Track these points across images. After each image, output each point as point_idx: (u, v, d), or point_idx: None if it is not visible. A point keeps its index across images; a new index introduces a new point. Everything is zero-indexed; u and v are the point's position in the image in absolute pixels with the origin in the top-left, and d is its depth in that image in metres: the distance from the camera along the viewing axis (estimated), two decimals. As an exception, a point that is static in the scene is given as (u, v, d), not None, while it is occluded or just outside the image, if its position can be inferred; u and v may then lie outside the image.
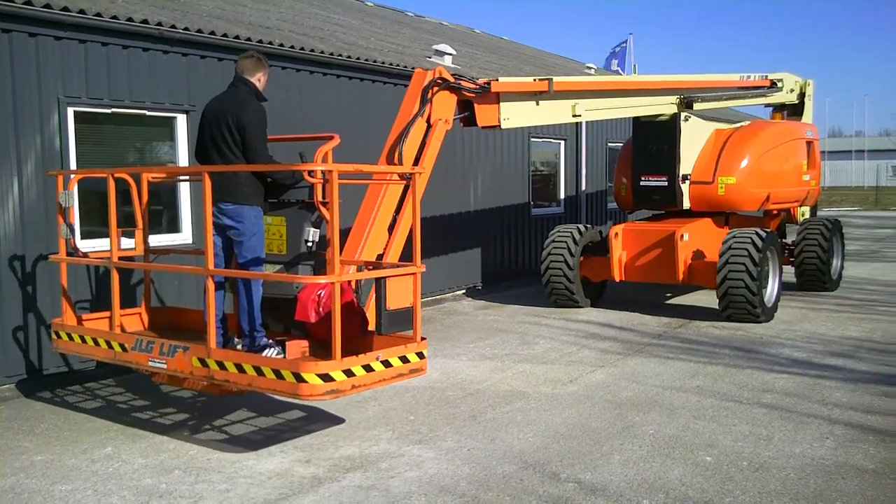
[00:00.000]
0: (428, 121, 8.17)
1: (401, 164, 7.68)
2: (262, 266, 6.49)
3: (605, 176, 18.49)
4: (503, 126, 9.29)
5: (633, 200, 12.77)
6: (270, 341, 6.41)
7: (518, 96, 9.46)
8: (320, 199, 6.14)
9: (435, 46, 15.58)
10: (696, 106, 12.29)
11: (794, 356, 9.21)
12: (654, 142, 12.35)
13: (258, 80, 6.64)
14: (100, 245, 8.29)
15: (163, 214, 9.77)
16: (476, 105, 8.96)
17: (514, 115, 9.42)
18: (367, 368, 5.74)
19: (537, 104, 9.77)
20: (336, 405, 7.39)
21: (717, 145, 12.56)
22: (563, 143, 17.26)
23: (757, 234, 10.97)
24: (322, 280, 6.00)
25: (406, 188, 7.36)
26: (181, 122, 9.49)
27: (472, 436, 6.58)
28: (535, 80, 9.72)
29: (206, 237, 6.11)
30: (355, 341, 6.18)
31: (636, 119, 12.70)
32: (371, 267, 6.95)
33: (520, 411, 7.24)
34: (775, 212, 13.91)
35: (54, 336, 7.31)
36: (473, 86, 8.80)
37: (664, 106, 12.03)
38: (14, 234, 8.00)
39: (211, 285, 6.04)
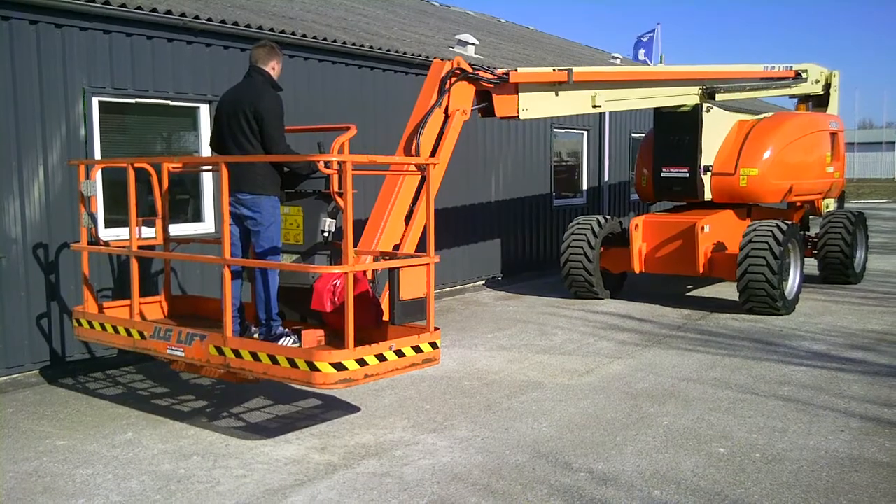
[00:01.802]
0: (446, 111, 8.19)
1: (418, 155, 7.71)
2: (279, 255, 6.55)
3: (628, 167, 18.43)
4: (522, 117, 9.27)
5: (654, 192, 12.74)
6: (286, 330, 6.49)
7: (537, 87, 9.44)
8: (336, 189, 6.19)
9: (458, 36, 15.59)
10: (719, 97, 12.21)
11: (814, 349, 9.17)
12: (675, 133, 12.30)
13: (272, 68, 6.66)
14: (125, 234, 8.41)
15: (187, 204, 9.90)
16: (494, 95, 8.94)
17: (533, 106, 9.40)
18: (380, 358, 5.80)
19: (556, 95, 9.75)
20: (353, 394, 7.48)
21: (740, 136, 12.49)
22: (585, 133, 17.22)
23: (778, 226, 10.91)
24: (335, 270, 6.06)
25: (423, 179, 7.39)
26: (204, 112, 9.59)
27: (486, 425, 6.64)
28: (554, 70, 9.70)
29: (222, 227, 6.19)
30: (370, 331, 6.25)
31: (657, 110, 12.66)
32: (387, 257, 7.00)
33: (535, 401, 7.29)
34: (798, 204, 13.84)
35: (76, 324, 7.45)
36: (491, 76, 8.77)
37: (686, 97, 11.96)
38: (39, 223, 8.14)
39: (227, 274, 6.13)
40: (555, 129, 16.04)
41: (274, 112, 6.40)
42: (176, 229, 8.82)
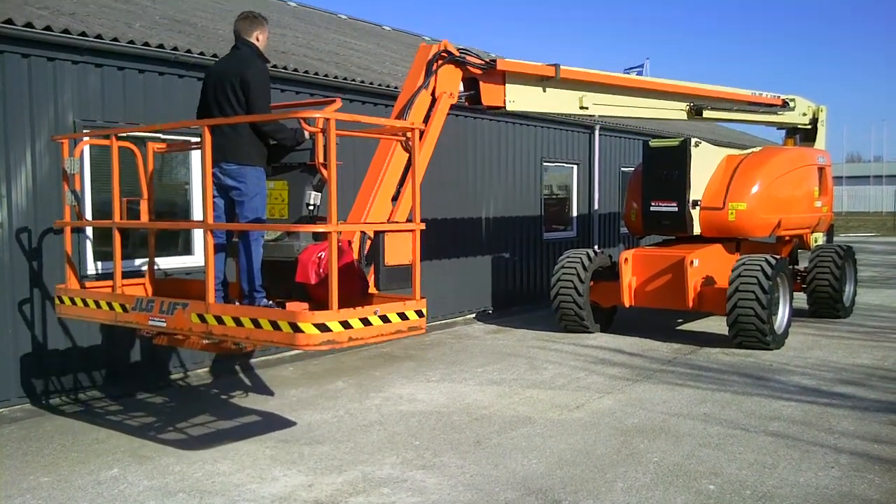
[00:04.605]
0: (433, 94, 8.09)
1: (405, 138, 7.58)
2: None
3: (617, 200, 18.52)
4: (508, 108, 9.16)
5: (644, 226, 12.78)
6: (270, 302, 6.40)
7: (524, 79, 9.32)
8: (321, 160, 6.11)
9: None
10: (707, 113, 12.27)
11: (804, 384, 9.16)
12: (664, 167, 12.36)
13: (256, 38, 6.64)
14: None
15: (177, 236, 9.87)
16: (481, 83, 8.83)
17: (520, 99, 9.29)
18: (365, 322, 5.70)
19: (544, 91, 9.64)
20: (342, 430, 7.43)
21: (728, 171, 12.57)
22: (575, 167, 17.32)
23: (767, 260, 10.95)
24: (320, 229, 5.93)
25: (409, 161, 7.16)
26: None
27: (475, 461, 6.59)
28: (542, 64, 9.60)
29: (205, 193, 6.11)
30: (355, 303, 6.08)
31: (646, 144, 12.75)
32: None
33: (525, 437, 7.25)
34: (787, 238, 13.88)
35: (57, 301, 7.30)
36: (479, 61, 8.67)
37: (673, 111, 11.97)
38: (26, 209, 8.11)
39: (210, 240, 6.03)
40: (545, 163, 16.13)
41: (260, 82, 6.38)
42: (164, 262, 8.81)
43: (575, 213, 17.46)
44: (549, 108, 10.00)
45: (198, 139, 9.44)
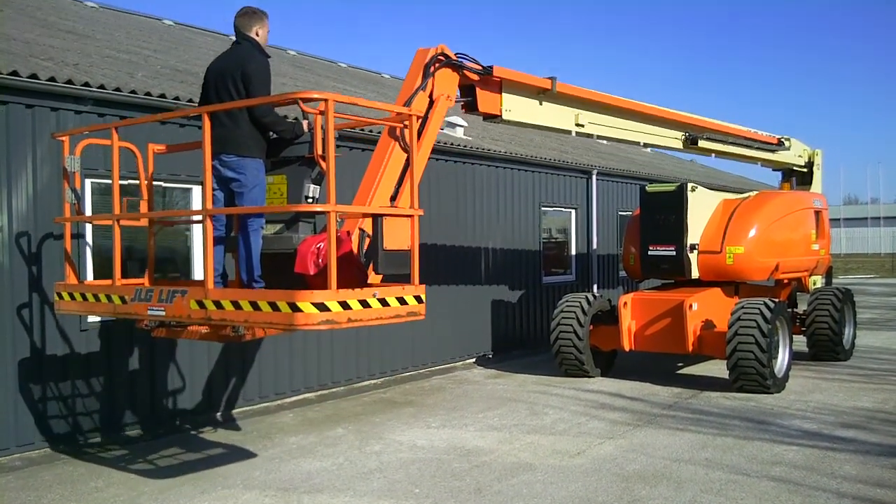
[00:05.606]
0: (430, 97, 8.12)
1: (402, 136, 7.50)
2: (262, 218, 6.51)
3: (616, 243, 18.59)
4: (504, 117, 9.19)
5: (642, 270, 12.83)
6: None
7: (521, 89, 9.35)
8: (319, 152, 6.13)
9: (447, 118, 15.85)
10: (701, 144, 12.34)
11: (805, 427, 9.13)
12: (661, 212, 12.45)
13: (256, 33, 6.69)
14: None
15: (179, 274, 9.92)
16: (478, 90, 8.86)
17: (516, 109, 9.32)
18: (364, 304, 5.68)
19: (540, 104, 9.68)
20: (342, 478, 7.39)
21: (725, 215, 12.65)
22: (573, 211, 17.41)
23: (766, 304, 10.97)
24: (318, 209, 5.94)
25: (407, 161, 7.16)
26: (196, 192, 9.68)
27: (476, 509, 6.56)
28: (538, 77, 9.59)
29: (205, 182, 6.12)
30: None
31: (643, 189, 12.86)
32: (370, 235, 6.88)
33: (525, 484, 7.21)
34: (786, 281, 13.91)
35: (56, 298, 7.25)
36: (475, 66, 8.68)
37: (669, 139, 12.05)
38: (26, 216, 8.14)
39: (209, 227, 6.02)
40: (543, 207, 16.23)
41: (261, 75, 6.43)
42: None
43: (574, 257, 17.52)
44: (546, 121, 9.94)
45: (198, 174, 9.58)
